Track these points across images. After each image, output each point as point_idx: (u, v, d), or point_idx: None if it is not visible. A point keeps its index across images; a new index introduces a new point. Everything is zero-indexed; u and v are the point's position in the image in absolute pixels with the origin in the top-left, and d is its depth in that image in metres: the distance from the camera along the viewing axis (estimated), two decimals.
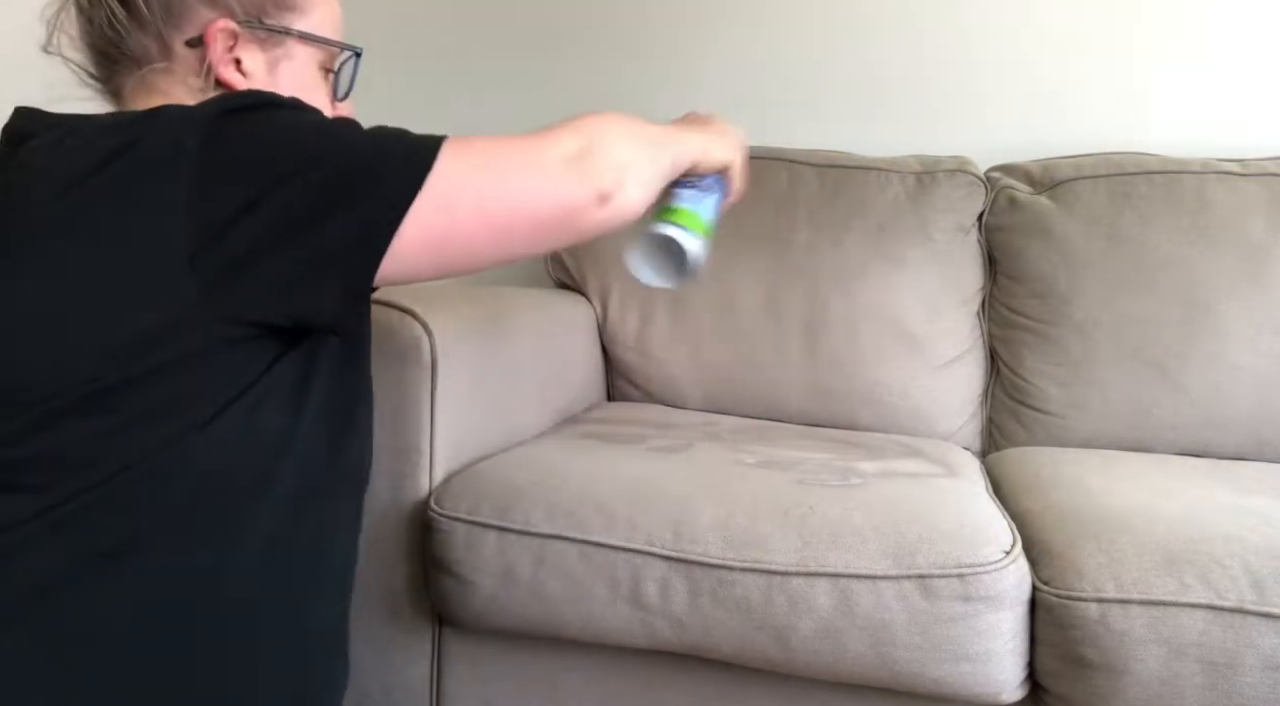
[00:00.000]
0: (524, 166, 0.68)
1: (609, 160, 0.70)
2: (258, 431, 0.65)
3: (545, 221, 0.68)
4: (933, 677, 0.91)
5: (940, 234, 1.47)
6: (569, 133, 0.70)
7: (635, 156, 0.72)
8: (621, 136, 0.72)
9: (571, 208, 0.69)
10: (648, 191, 0.74)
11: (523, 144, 0.69)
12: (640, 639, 0.97)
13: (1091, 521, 0.96)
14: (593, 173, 0.69)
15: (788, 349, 1.46)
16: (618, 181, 0.70)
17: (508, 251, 0.69)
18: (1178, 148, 1.51)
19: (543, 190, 0.68)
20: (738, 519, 0.95)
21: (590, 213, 0.69)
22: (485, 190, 0.66)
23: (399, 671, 1.09)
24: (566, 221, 0.69)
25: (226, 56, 0.73)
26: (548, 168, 0.68)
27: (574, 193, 0.68)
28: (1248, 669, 0.85)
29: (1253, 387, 1.33)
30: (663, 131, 0.79)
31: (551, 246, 0.72)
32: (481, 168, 0.66)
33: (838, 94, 1.74)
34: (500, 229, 0.67)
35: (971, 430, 1.47)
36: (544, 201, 0.68)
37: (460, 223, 0.65)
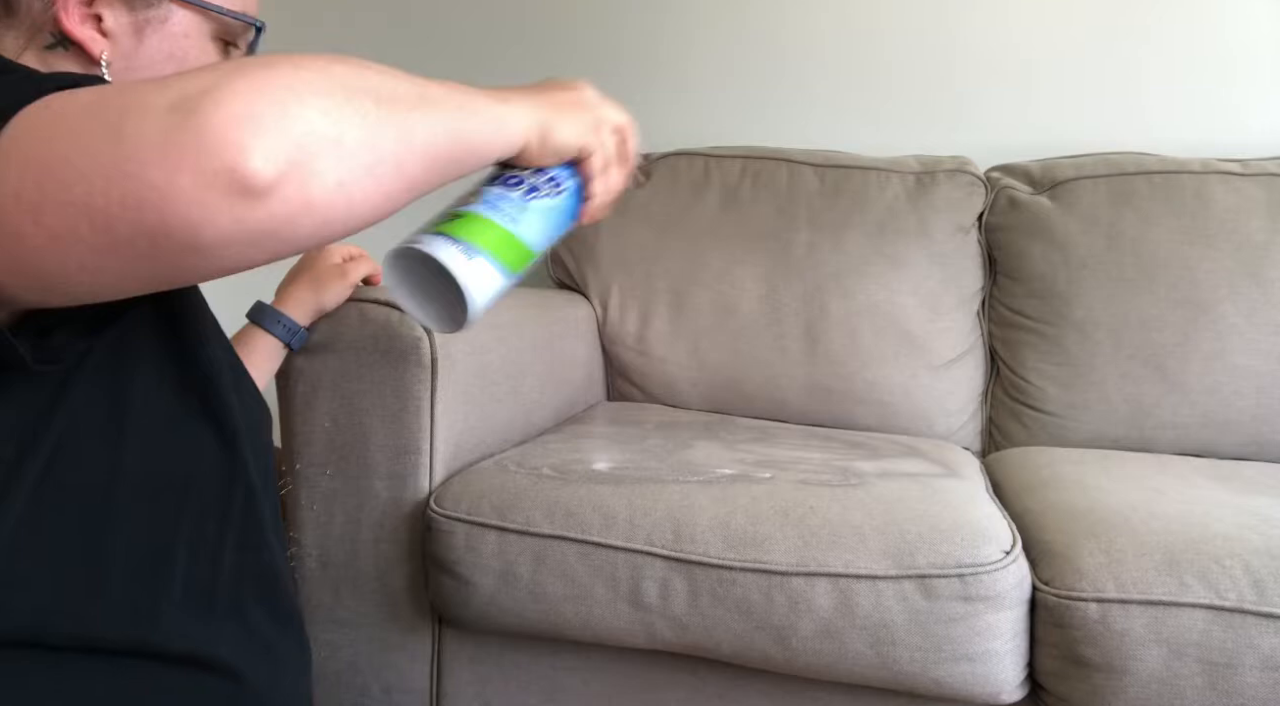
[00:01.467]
0: (109, 130, 0.41)
1: (273, 122, 0.41)
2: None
3: (120, 220, 0.41)
4: (933, 677, 0.91)
5: (940, 234, 1.47)
6: (217, 70, 0.42)
7: (340, 121, 0.43)
8: (311, 84, 0.43)
9: (160, 193, 0.40)
10: (376, 182, 0.45)
11: (132, 93, 0.42)
12: (640, 639, 0.97)
13: (1091, 521, 0.96)
14: (227, 139, 0.40)
15: (788, 349, 1.46)
16: (289, 158, 0.41)
17: (86, 267, 0.43)
18: (1178, 148, 1.51)
19: (124, 167, 0.40)
20: (738, 519, 0.95)
21: (215, 210, 0.40)
22: (37, 166, 0.41)
23: (399, 671, 1.09)
24: (163, 224, 0.40)
25: (81, 11, 0.61)
26: (142, 130, 0.40)
27: (178, 173, 0.40)
28: (1248, 669, 0.85)
29: (1253, 387, 1.33)
30: (431, 89, 0.50)
31: (172, 271, 0.44)
32: (52, 134, 0.42)
33: (838, 94, 1.74)
34: (55, 228, 0.41)
35: (971, 430, 1.47)
36: (115, 186, 0.40)
37: (26, 221, 0.41)
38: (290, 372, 1.05)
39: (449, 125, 0.50)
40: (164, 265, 0.43)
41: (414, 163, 0.48)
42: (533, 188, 0.58)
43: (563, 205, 0.60)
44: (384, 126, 0.46)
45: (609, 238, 1.56)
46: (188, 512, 0.60)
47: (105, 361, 0.55)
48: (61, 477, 0.54)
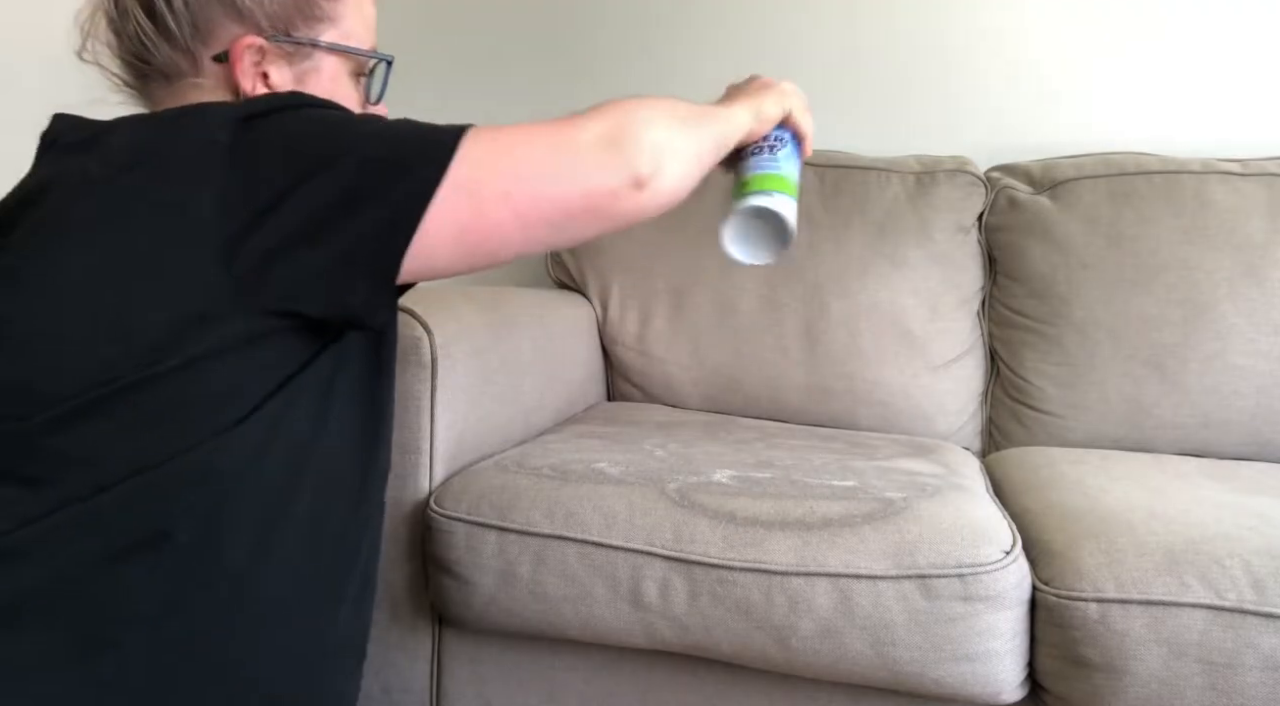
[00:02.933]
0: (551, 150, 0.66)
1: (643, 141, 0.67)
2: (286, 436, 0.65)
3: (576, 207, 0.66)
4: (933, 677, 0.91)
5: (940, 234, 1.47)
6: (599, 116, 0.68)
7: (672, 136, 0.70)
8: (656, 117, 0.70)
9: (604, 192, 0.67)
10: (689, 173, 0.72)
11: (550, 128, 0.67)
12: (640, 639, 0.97)
13: (1091, 521, 0.96)
14: (626, 155, 0.67)
15: (788, 349, 1.46)
16: (654, 164, 0.67)
17: (537, 240, 0.67)
18: (1178, 148, 1.51)
19: (573, 174, 0.66)
20: (738, 519, 0.95)
21: (625, 198, 0.67)
22: (510, 175, 0.65)
23: (399, 671, 1.09)
24: (599, 207, 0.67)
25: (253, 71, 0.73)
26: (577, 151, 0.66)
27: (606, 177, 0.66)
28: (1248, 669, 0.85)
29: (1253, 387, 1.33)
30: (701, 108, 0.77)
31: (585, 235, 0.69)
32: (505, 153, 0.65)
33: (838, 94, 1.74)
34: (528, 216, 0.65)
35: (971, 430, 1.47)
36: (574, 186, 0.66)
37: (486, 210, 0.64)
38: None
39: (716, 132, 0.77)
40: (585, 230, 0.68)
41: (706, 158, 0.76)
42: (772, 147, 0.85)
43: (793, 149, 0.87)
44: (693, 138, 0.73)
45: (609, 238, 1.56)
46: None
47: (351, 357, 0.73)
48: (331, 473, 0.71)
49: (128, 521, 0.59)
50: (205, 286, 0.60)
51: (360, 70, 0.80)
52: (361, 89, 0.81)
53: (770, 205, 0.81)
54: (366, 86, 0.81)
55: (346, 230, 0.61)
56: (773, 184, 0.82)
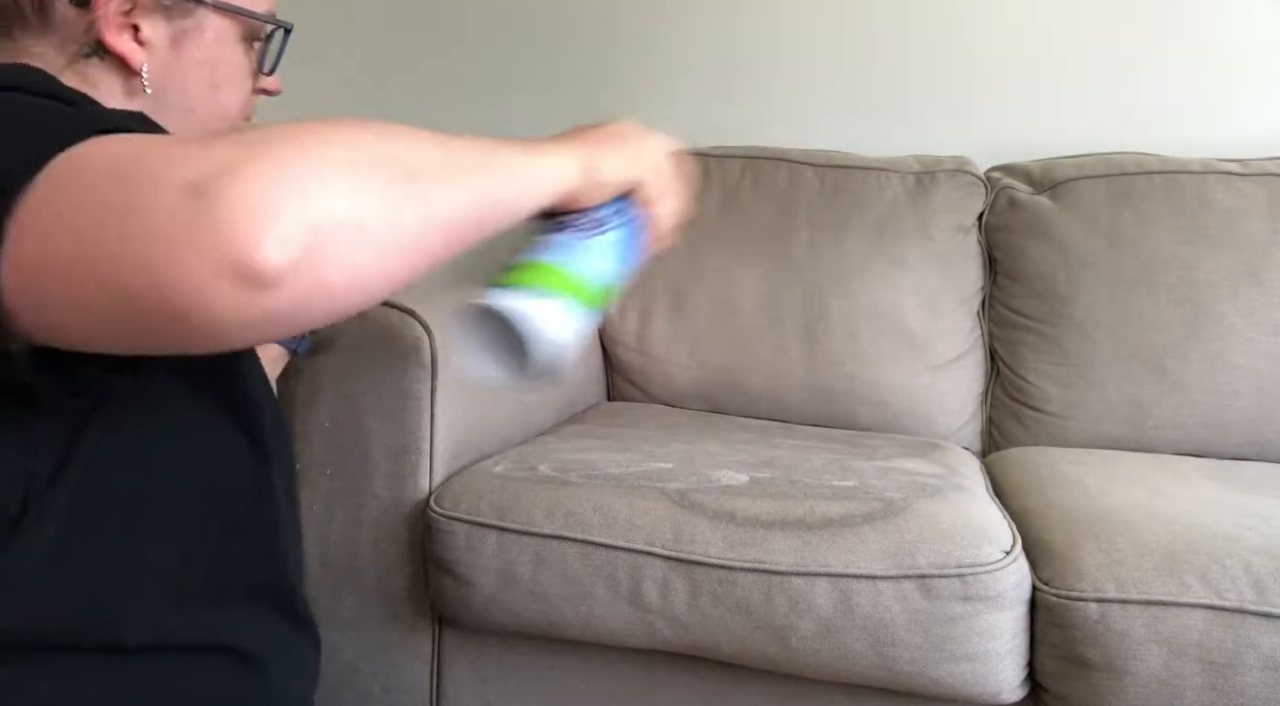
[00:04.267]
0: (132, 187, 0.40)
1: (285, 205, 0.39)
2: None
3: (130, 294, 0.40)
4: (933, 677, 0.91)
5: (940, 234, 1.47)
6: (235, 142, 0.41)
7: (358, 200, 0.41)
8: (330, 162, 0.41)
9: (168, 277, 0.39)
10: (400, 261, 0.44)
11: (172, 146, 0.42)
12: (640, 639, 0.97)
13: (1091, 521, 0.96)
14: (232, 219, 0.38)
15: (788, 349, 1.46)
16: (300, 246, 0.39)
17: (107, 342, 0.44)
18: (1178, 148, 1.51)
19: (132, 234, 0.39)
20: (738, 519, 0.95)
21: (211, 294, 0.39)
22: (71, 226, 0.41)
23: (399, 671, 1.09)
24: (162, 302, 0.40)
25: (120, 21, 0.61)
26: (157, 194, 0.39)
27: (178, 251, 0.39)
28: (1248, 669, 0.85)
29: (1253, 387, 1.33)
30: (463, 153, 0.49)
31: (160, 343, 0.44)
32: (86, 181, 0.41)
33: (838, 94, 1.74)
34: (72, 289, 0.41)
35: (971, 430, 1.47)
36: (126, 255, 0.40)
37: (42, 278, 0.42)
38: (290, 372, 1.05)
39: (476, 191, 0.48)
40: (175, 340, 0.43)
41: (436, 236, 0.46)
42: (595, 225, 0.58)
43: (621, 238, 0.59)
44: (408, 203, 0.44)
45: None
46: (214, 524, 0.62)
47: (137, 384, 0.55)
48: (97, 491, 0.54)
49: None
50: None
51: (254, 35, 0.69)
52: (254, 57, 0.70)
53: (526, 315, 0.53)
54: (260, 54, 0.70)
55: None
56: (554, 282, 0.55)
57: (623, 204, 0.60)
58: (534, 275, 0.55)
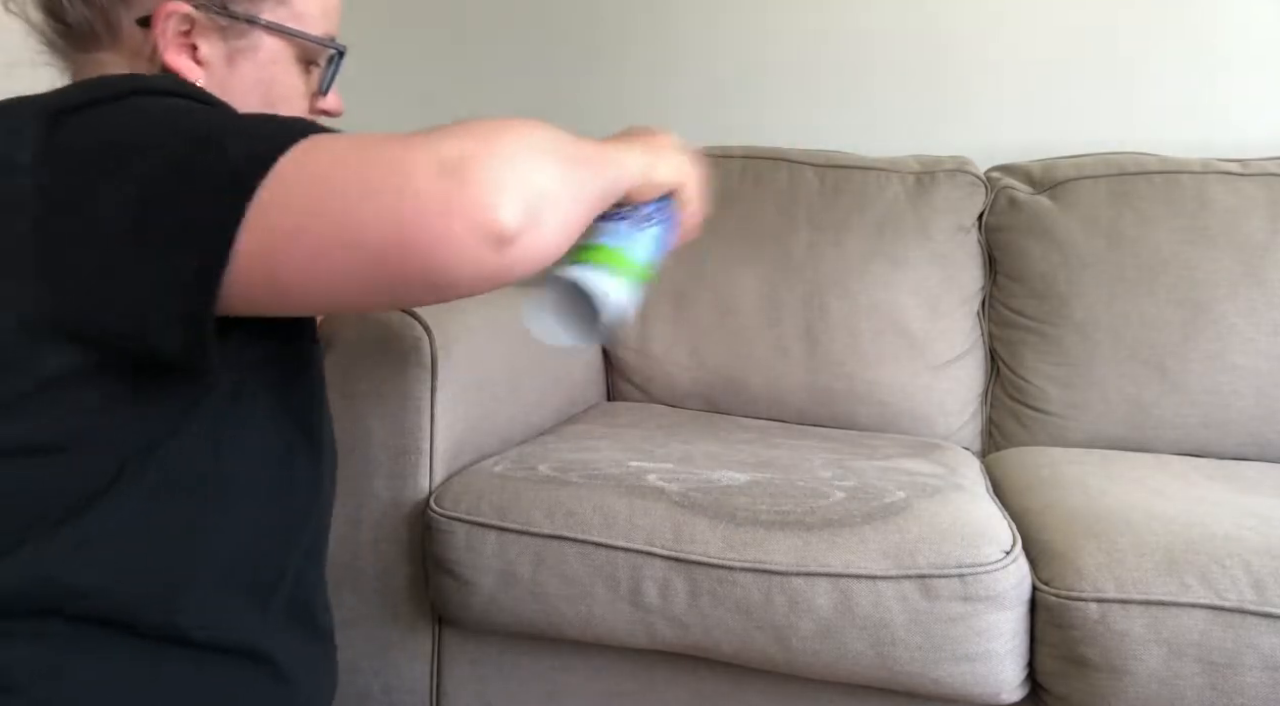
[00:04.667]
0: (379, 172, 0.50)
1: (517, 182, 0.50)
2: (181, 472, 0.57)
3: (390, 256, 0.49)
4: (933, 677, 0.91)
5: (940, 234, 1.47)
6: (460, 133, 0.51)
7: (554, 184, 0.53)
8: (538, 151, 0.53)
9: (433, 239, 0.49)
10: (569, 233, 0.55)
11: (394, 141, 0.51)
12: (640, 639, 0.97)
13: (1091, 521, 0.96)
14: (483, 195, 0.48)
15: (788, 349, 1.46)
16: (528, 216, 0.50)
17: (346, 294, 0.52)
18: (1178, 148, 1.51)
19: (393, 208, 0.49)
20: (738, 519, 0.95)
21: (469, 254, 0.49)
22: (308, 207, 0.49)
23: (399, 671, 1.09)
24: (426, 261, 0.49)
25: (179, 41, 0.65)
26: (409, 176, 0.49)
27: (443, 220, 0.48)
28: (1248, 669, 0.85)
29: (1253, 387, 1.33)
30: (592, 147, 0.60)
31: (410, 298, 0.53)
32: (315, 177, 0.50)
33: (838, 94, 1.74)
34: (327, 260, 0.50)
35: (971, 430, 1.47)
36: (389, 225, 0.49)
37: (282, 247, 0.50)
38: None
39: (604, 177, 0.60)
40: (406, 295, 0.52)
41: (589, 208, 0.59)
42: (643, 220, 0.69)
43: (663, 231, 0.71)
44: (579, 184, 0.56)
45: None
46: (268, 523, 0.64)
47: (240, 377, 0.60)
48: (181, 473, 0.58)
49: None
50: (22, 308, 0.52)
51: (310, 58, 0.71)
52: (313, 79, 0.72)
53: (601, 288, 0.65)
54: (321, 77, 0.72)
55: (144, 259, 0.50)
56: (618, 262, 0.67)
57: (663, 202, 0.71)
58: (600, 256, 0.66)
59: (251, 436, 0.62)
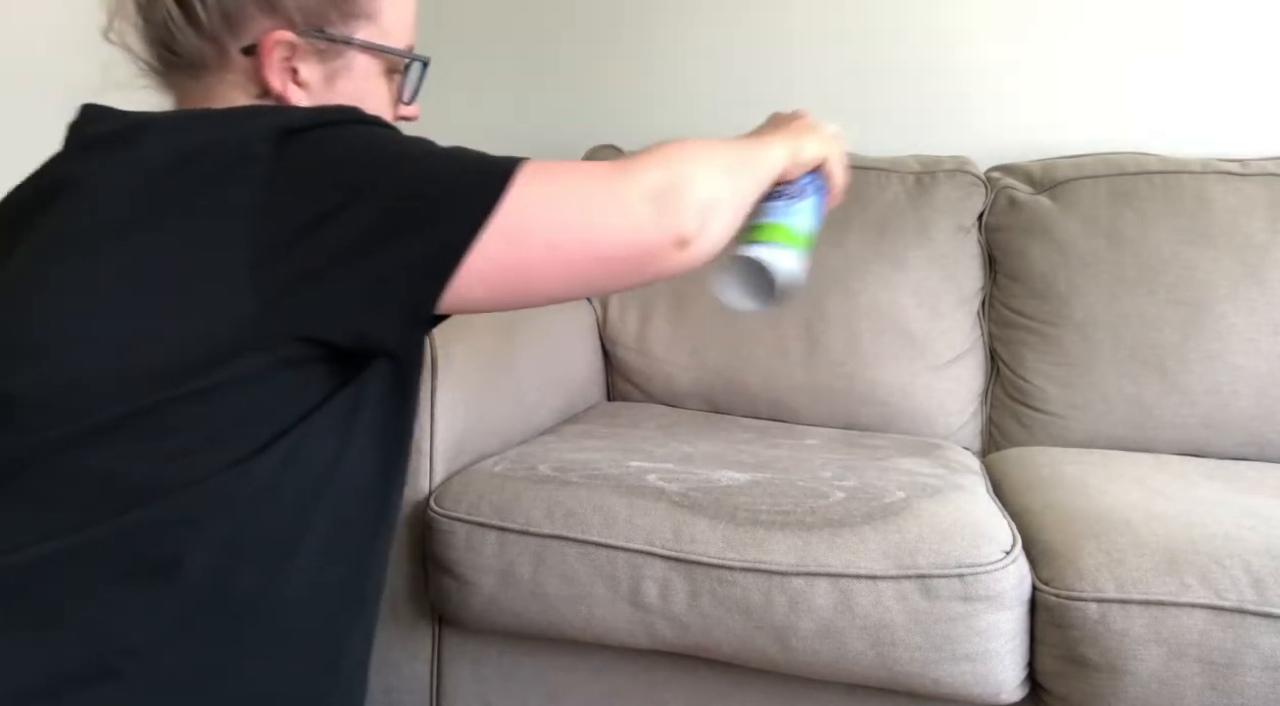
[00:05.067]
0: (604, 201, 0.65)
1: (693, 200, 0.66)
2: (308, 461, 0.63)
3: (618, 262, 0.65)
4: (933, 677, 0.91)
5: (940, 234, 1.47)
6: (652, 166, 0.67)
7: (719, 192, 0.69)
8: (706, 170, 0.68)
9: (648, 250, 0.65)
10: (730, 227, 0.71)
11: (604, 175, 0.65)
12: (640, 639, 0.97)
13: (1091, 521, 0.96)
14: (675, 214, 0.65)
15: (788, 349, 1.46)
16: (700, 224, 0.66)
17: (576, 288, 0.66)
18: (1178, 148, 1.51)
19: (621, 229, 0.64)
20: (738, 519, 0.95)
21: (667, 257, 0.66)
22: (559, 223, 0.63)
23: (399, 671, 1.09)
24: (641, 263, 0.66)
25: (283, 66, 0.69)
26: (628, 205, 0.65)
27: (653, 235, 0.65)
28: (1248, 669, 0.85)
29: (1253, 387, 1.33)
30: (744, 150, 0.75)
31: (622, 286, 0.68)
32: (557, 198, 0.64)
33: (837, 94, 1.74)
34: (570, 266, 0.64)
35: (971, 430, 1.47)
36: (620, 241, 0.65)
37: (529, 256, 0.63)
38: None
39: (756, 175, 0.75)
40: (619, 283, 0.67)
41: (747, 204, 0.75)
42: (799, 194, 0.83)
43: (818, 200, 0.85)
44: (739, 190, 0.72)
45: None
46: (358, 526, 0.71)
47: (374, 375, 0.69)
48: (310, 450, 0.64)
49: (141, 546, 0.58)
50: (235, 307, 0.57)
51: (394, 68, 0.76)
52: (395, 88, 0.77)
53: (773, 261, 0.80)
54: (401, 85, 0.77)
55: (382, 263, 0.59)
56: (783, 236, 0.81)
57: (814, 175, 0.84)
58: (768, 234, 0.81)
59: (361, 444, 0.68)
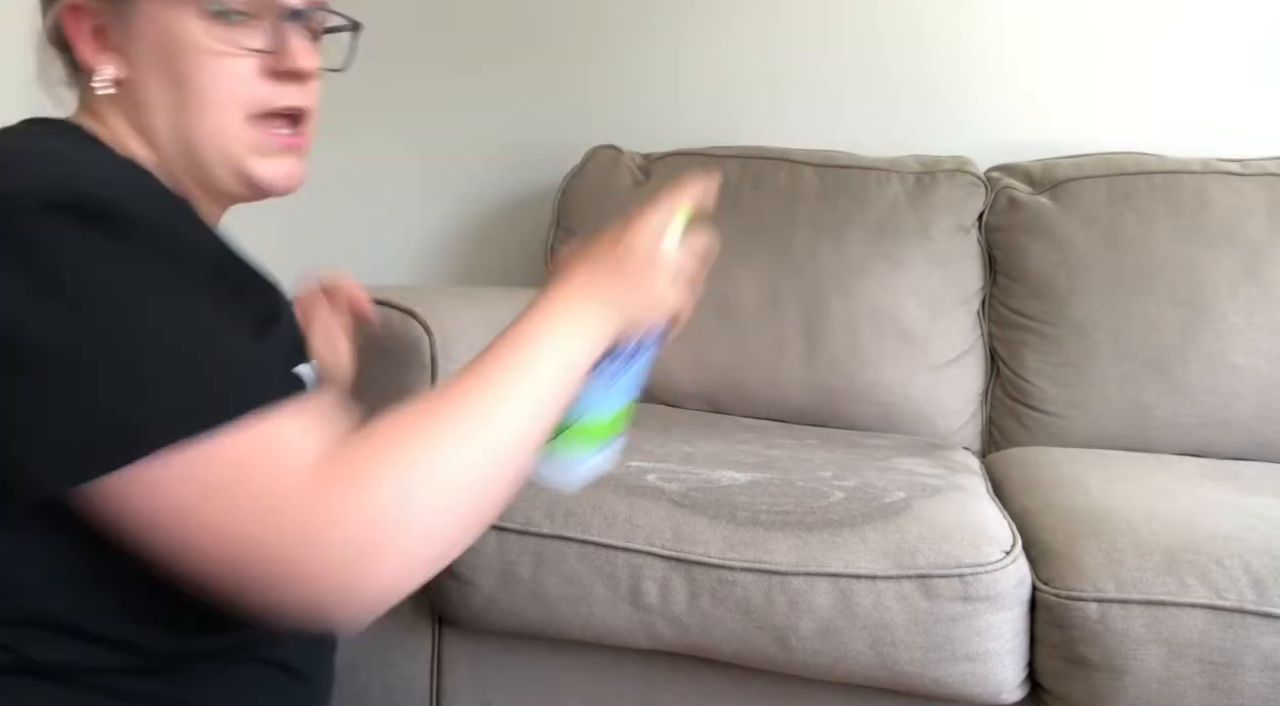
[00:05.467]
0: (261, 498, 0.47)
1: (400, 550, 0.49)
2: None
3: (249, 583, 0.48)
4: (933, 677, 0.91)
5: (940, 234, 1.47)
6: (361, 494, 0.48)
7: (452, 523, 0.51)
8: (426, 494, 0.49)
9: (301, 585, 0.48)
10: (450, 548, 0.53)
11: (271, 465, 0.48)
12: (640, 639, 0.97)
13: (1091, 521, 0.96)
14: (369, 577, 0.48)
15: (788, 349, 1.46)
16: (396, 581, 0.49)
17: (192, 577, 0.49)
18: (1178, 148, 1.51)
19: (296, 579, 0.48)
20: (738, 519, 0.95)
21: (335, 604, 0.48)
22: (202, 523, 0.47)
23: (399, 671, 1.09)
24: (284, 599, 0.48)
25: (87, 38, 0.59)
26: (287, 517, 0.47)
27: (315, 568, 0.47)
28: (1248, 669, 0.85)
29: (1253, 387, 1.33)
30: (503, 385, 0.54)
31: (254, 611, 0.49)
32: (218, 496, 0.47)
33: (838, 94, 1.74)
34: (198, 572, 0.48)
35: (971, 430, 1.47)
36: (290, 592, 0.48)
37: (162, 551, 0.48)
38: None
39: (523, 420, 0.54)
40: (264, 610, 0.49)
41: (508, 478, 0.54)
42: (627, 356, 0.63)
43: (649, 357, 0.65)
44: (478, 496, 0.52)
45: None
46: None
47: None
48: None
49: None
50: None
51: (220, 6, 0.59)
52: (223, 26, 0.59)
53: (567, 480, 0.63)
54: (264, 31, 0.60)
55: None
56: (586, 437, 0.63)
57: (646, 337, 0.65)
58: (571, 437, 0.62)
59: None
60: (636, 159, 1.65)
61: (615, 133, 1.75)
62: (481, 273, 1.92)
